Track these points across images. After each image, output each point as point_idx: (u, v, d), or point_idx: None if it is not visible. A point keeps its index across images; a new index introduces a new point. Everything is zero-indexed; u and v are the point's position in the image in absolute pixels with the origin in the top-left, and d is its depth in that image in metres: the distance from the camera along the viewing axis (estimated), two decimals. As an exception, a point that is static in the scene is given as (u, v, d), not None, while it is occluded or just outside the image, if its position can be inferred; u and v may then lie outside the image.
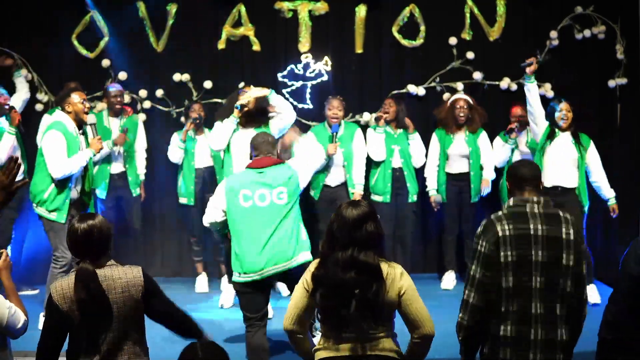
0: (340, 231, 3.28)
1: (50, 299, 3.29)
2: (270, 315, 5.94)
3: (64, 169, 5.60)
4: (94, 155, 5.83)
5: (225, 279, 6.87)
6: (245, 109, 5.85)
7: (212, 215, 4.78)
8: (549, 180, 6.17)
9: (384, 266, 3.28)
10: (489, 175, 6.92)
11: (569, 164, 6.26)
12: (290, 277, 4.70)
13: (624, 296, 3.20)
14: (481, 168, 6.95)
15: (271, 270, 4.67)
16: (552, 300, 3.30)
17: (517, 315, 3.30)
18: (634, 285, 3.13)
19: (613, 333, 3.20)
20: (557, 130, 6.28)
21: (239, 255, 4.70)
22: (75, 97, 5.70)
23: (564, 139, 6.29)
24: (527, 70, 6.23)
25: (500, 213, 3.40)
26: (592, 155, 6.32)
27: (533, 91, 6.24)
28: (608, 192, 6.43)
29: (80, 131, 5.80)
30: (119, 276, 3.30)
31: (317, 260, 3.40)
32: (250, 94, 5.86)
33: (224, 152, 5.97)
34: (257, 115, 5.94)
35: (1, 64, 6.97)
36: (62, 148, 5.60)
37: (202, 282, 7.06)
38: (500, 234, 3.31)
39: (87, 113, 5.76)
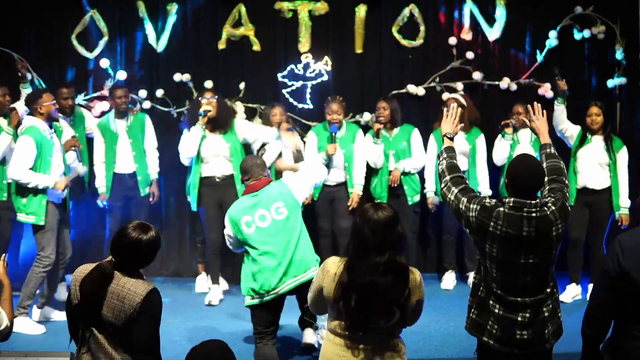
0: (375, 235, 3.21)
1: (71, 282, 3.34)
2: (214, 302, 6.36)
3: (20, 175, 5.72)
4: (54, 186, 5.80)
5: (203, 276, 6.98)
6: (210, 113, 6.19)
7: (228, 243, 5.01)
8: (579, 182, 6.45)
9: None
10: (484, 188, 6.93)
11: (598, 167, 6.44)
12: (303, 290, 4.74)
13: (600, 291, 3.25)
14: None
15: (288, 285, 4.74)
16: (539, 291, 3.41)
17: (504, 302, 3.39)
18: (609, 280, 3.17)
19: (593, 329, 3.24)
20: (589, 135, 6.47)
21: (255, 276, 4.75)
22: (46, 98, 5.84)
23: (596, 143, 6.46)
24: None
25: (501, 210, 3.39)
26: (620, 159, 6.43)
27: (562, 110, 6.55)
28: (621, 201, 6.41)
29: (52, 130, 5.91)
30: (124, 285, 3.25)
31: (335, 259, 3.34)
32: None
33: (194, 160, 6.40)
34: (222, 121, 6.33)
35: (18, 68, 6.96)
36: (29, 155, 5.72)
37: (202, 281, 7.06)
38: (490, 229, 3.37)
39: (58, 111, 5.94)
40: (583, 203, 6.45)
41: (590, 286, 6.49)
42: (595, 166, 6.42)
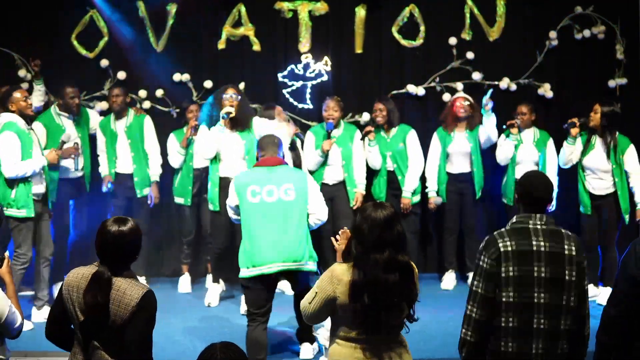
0: (372, 233, 3.26)
1: (61, 287, 3.31)
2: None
3: (17, 170, 5.75)
4: (48, 164, 5.96)
5: (209, 277, 6.93)
6: (231, 115, 6.09)
7: (231, 215, 5.05)
8: (587, 188, 6.45)
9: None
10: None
11: (602, 174, 6.41)
12: (297, 279, 4.79)
13: (622, 298, 3.17)
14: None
15: (280, 267, 4.74)
16: (556, 316, 3.28)
17: (518, 331, 3.28)
18: (632, 286, 3.11)
19: (611, 336, 3.17)
20: (592, 139, 6.41)
21: (247, 250, 4.78)
22: (17, 95, 5.86)
23: (598, 149, 6.42)
24: (572, 131, 6.44)
25: (503, 230, 3.37)
26: (627, 160, 6.38)
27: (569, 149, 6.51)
28: (637, 197, 6.36)
29: (29, 127, 5.92)
30: (118, 288, 3.20)
31: (343, 267, 3.36)
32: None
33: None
34: (242, 120, 6.22)
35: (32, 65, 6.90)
36: (15, 149, 5.74)
37: (185, 282, 7.08)
38: (502, 249, 3.29)
39: (29, 108, 5.92)
40: (592, 207, 6.46)
41: (608, 290, 6.50)
42: (598, 174, 6.42)
